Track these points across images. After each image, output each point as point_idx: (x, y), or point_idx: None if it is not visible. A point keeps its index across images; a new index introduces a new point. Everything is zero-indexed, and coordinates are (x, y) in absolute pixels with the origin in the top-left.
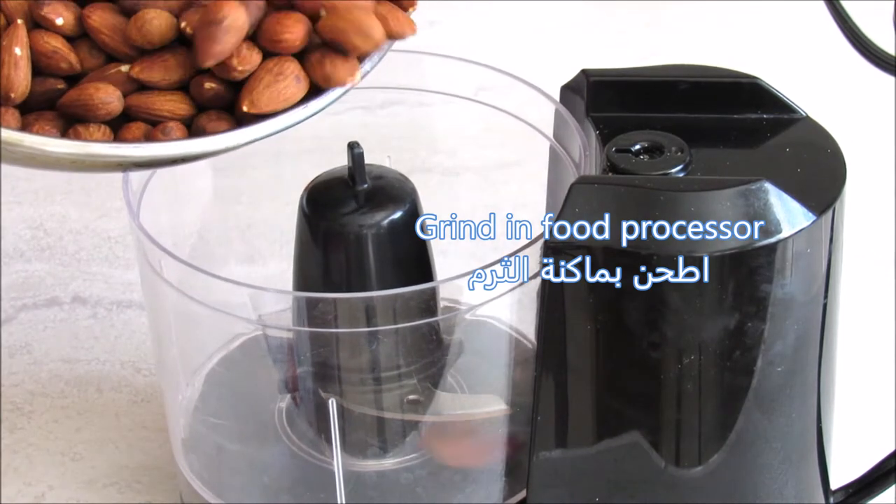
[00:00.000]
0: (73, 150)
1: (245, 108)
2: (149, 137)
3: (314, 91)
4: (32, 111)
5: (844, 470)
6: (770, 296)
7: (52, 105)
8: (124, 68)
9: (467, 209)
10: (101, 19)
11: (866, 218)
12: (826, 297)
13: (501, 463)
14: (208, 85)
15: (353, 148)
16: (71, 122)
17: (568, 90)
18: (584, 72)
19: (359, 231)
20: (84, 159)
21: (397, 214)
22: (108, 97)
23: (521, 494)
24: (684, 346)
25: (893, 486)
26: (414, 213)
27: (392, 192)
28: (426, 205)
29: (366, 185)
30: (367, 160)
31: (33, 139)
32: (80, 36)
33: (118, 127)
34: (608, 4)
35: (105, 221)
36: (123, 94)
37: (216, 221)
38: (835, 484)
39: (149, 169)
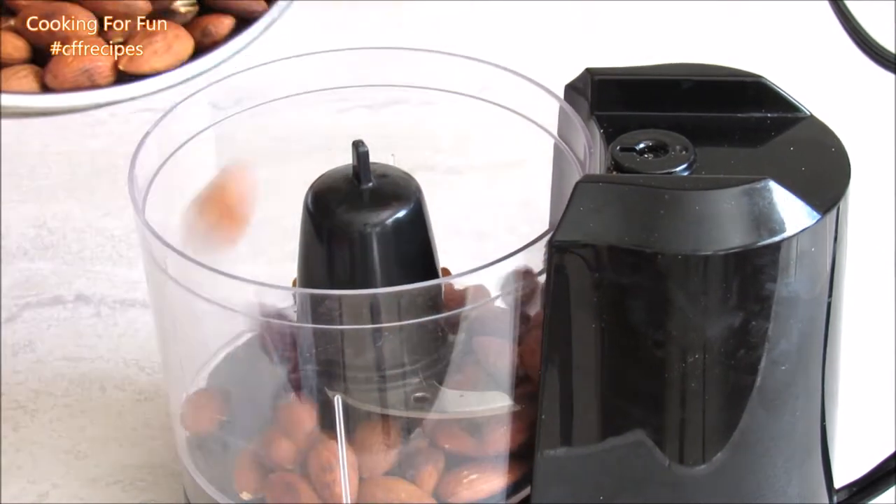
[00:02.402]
0: None
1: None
2: None
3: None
4: None
5: (848, 469)
6: (774, 294)
7: None
8: None
9: (471, 207)
10: None
11: (871, 217)
12: (830, 295)
13: (506, 460)
14: None
15: (358, 146)
16: None
17: (572, 89)
18: (588, 70)
19: (363, 229)
20: None
21: (402, 213)
22: None
23: (526, 492)
24: (689, 345)
25: None
26: (418, 211)
27: (397, 190)
28: (430, 203)
29: (370, 184)
30: (371, 158)
31: None
32: None
33: None
34: (613, 3)
35: (108, 220)
36: None
37: None
38: (838, 483)
39: None
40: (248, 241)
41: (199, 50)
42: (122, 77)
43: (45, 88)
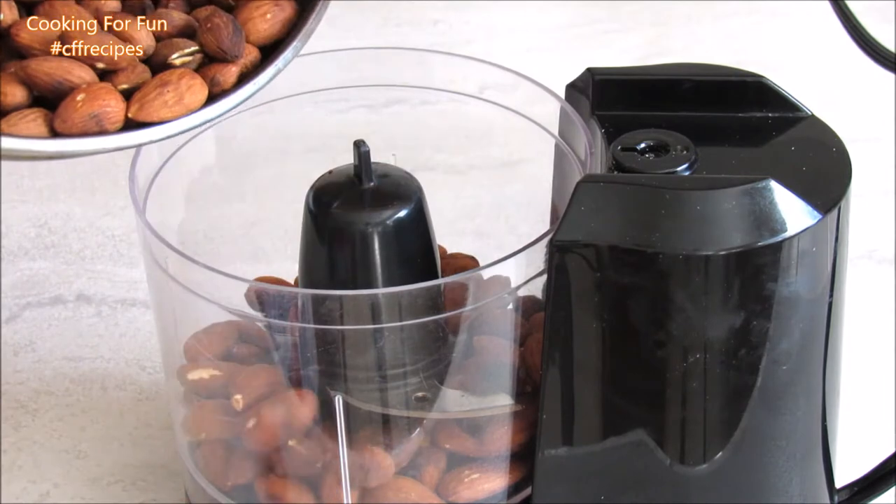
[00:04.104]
0: None
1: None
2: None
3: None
4: None
5: (849, 468)
6: (775, 294)
7: None
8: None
9: (472, 207)
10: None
11: (872, 216)
12: (831, 295)
13: (507, 460)
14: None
15: (359, 146)
16: None
17: (573, 89)
18: (589, 70)
19: (365, 229)
20: None
21: (403, 212)
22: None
23: (527, 492)
24: (690, 345)
25: None
26: (420, 211)
27: (398, 190)
28: (431, 203)
29: (372, 184)
30: (373, 158)
31: None
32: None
33: None
34: (614, 3)
35: (109, 219)
36: None
37: (221, 220)
38: (839, 482)
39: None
40: (248, 241)
41: (209, 98)
42: (130, 123)
43: (54, 132)
